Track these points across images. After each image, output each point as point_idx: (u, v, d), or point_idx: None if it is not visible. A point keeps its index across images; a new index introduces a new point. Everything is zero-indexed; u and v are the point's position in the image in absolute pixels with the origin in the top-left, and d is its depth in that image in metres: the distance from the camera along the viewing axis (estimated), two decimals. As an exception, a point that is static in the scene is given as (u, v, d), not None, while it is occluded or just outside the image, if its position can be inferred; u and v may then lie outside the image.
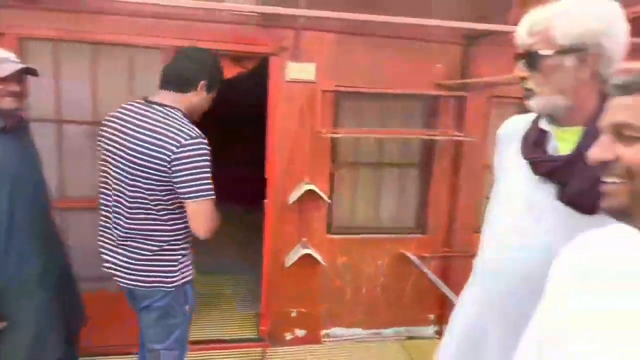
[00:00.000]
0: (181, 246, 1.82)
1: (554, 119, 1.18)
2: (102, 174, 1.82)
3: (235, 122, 5.87)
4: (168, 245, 1.78)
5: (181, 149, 1.63)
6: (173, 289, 1.80)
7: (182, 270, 1.82)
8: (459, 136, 2.94)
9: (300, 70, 2.83)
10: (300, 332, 3.19)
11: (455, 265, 3.16)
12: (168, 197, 1.70)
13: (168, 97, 1.75)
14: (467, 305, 1.42)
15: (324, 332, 3.23)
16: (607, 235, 0.83)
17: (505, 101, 3.07)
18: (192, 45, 2.16)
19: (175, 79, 1.76)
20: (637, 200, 0.71)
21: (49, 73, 2.57)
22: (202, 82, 1.78)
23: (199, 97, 1.81)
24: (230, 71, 2.86)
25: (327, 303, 3.20)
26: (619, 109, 0.73)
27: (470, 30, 2.78)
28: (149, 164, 1.63)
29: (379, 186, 3.23)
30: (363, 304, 3.23)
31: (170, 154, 1.61)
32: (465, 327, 1.40)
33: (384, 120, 3.11)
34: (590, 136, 1.08)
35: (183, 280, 1.82)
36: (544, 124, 1.19)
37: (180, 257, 1.81)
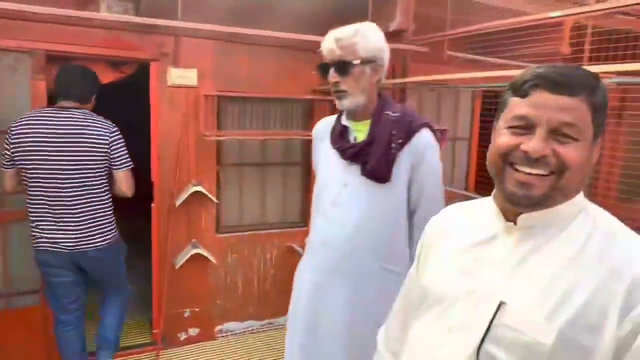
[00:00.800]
0: (111, 207, 2.43)
1: (351, 115, 1.56)
2: (24, 170, 2.24)
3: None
4: (106, 208, 2.39)
5: (114, 133, 2.33)
6: (115, 239, 2.44)
7: (114, 225, 2.46)
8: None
9: (181, 76, 2.87)
10: (193, 331, 3.21)
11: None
12: (105, 171, 2.33)
13: (73, 104, 2.31)
14: (306, 274, 1.66)
15: (218, 328, 3.28)
16: (468, 204, 1.01)
17: None
18: (74, 64, 2.56)
19: (76, 94, 2.33)
20: (556, 193, 0.78)
21: None
22: (94, 96, 2.44)
23: (90, 106, 2.43)
24: (108, 76, 2.83)
25: (220, 299, 3.25)
26: (561, 110, 0.75)
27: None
28: (93, 147, 2.25)
29: (265, 185, 3.35)
30: (255, 296, 3.35)
31: (108, 137, 2.29)
32: (309, 294, 1.62)
33: (266, 123, 3.26)
34: (375, 126, 1.52)
35: (117, 232, 2.48)
36: (344, 121, 1.58)
37: (112, 214, 2.44)
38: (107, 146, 2.29)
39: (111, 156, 2.31)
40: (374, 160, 1.46)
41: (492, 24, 2.49)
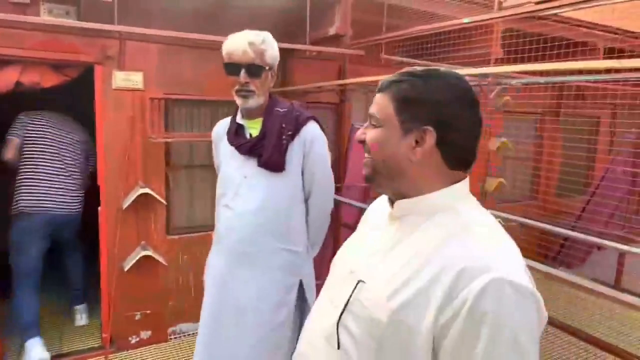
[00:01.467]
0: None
1: (246, 115, 1.69)
2: (31, 151, 2.97)
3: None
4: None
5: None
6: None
7: None
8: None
9: (126, 79, 2.89)
10: (145, 334, 3.20)
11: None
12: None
13: None
14: (214, 261, 1.77)
15: (170, 329, 3.28)
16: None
17: (319, 107, 3.50)
18: None
19: None
20: (375, 171, 0.90)
21: None
22: None
23: None
24: (51, 79, 2.82)
25: (172, 301, 3.25)
26: (373, 104, 0.91)
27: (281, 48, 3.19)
28: (81, 139, 3.21)
29: (213, 186, 3.37)
30: None
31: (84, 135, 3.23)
32: (216, 283, 1.73)
33: (214, 124, 3.30)
34: (266, 122, 1.65)
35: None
36: (239, 120, 1.71)
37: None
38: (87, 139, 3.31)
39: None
40: (267, 152, 1.60)
41: (419, 28, 2.65)
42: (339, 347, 0.88)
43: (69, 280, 3.39)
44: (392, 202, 0.93)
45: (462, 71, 1.84)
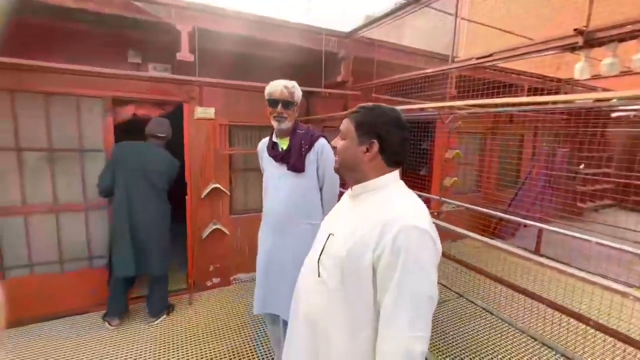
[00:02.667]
0: None
1: (278, 135, 1.70)
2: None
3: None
4: None
5: None
6: None
7: None
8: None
9: (204, 112, 2.93)
10: (216, 280, 3.25)
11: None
12: None
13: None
14: (262, 234, 1.79)
15: (232, 277, 3.32)
16: None
17: (331, 129, 3.50)
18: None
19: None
20: (341, 166, 0.99)
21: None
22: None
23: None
24: (155, 112, 2.90)
25: (233, 259, 3.29)
26: (342, 124, 1.00)
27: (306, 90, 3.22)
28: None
29: (261, 183, 3.40)
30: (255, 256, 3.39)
31: None
32: (265, 248, 1.76)
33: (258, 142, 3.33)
34: (291, 140, 1.66)
35: None
36: (274, 138, 1.72)
37: None
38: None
39: None
40: (292, 160, 1.64)
41: (398, 76, 2.63)
42: (319, 276, 0.95)
43: None
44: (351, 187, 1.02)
45: (426, 105, 1.84)
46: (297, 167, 1.62)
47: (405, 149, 0.96)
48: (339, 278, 0.88)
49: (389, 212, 0.86)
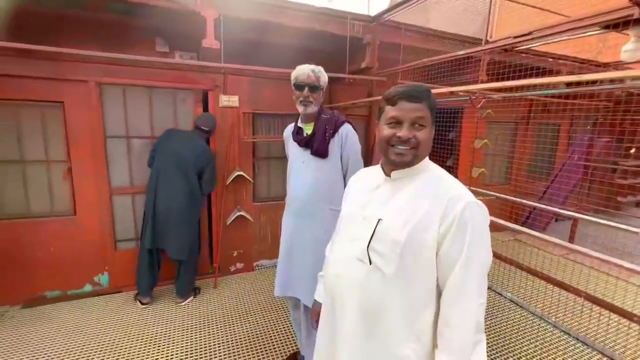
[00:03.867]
0: None
1: (304, 120, 1.68)
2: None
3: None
4: None
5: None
6: None
7: None
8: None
9: (228, 100, 2.94)
10: (239, 265, 3.31)
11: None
12: None
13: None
14: (286, 218, 1.78)
15: (255, 263, 3.38)
16: (366, 169, 1.14)
17: (354, 118, 3.47)
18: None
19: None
20: (415, 158, 0.91)
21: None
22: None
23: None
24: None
25: (256, 245, 3.33)
26: (413, 110, 0.87)
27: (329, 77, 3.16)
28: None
29: (284, 170, 3.36)
30: (279, 243, 3.30)
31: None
32: (288, 232, 1.76)
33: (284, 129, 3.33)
34: (316, 125, 1.64)
35: None
36: (299, 124, 1.70)
37: None
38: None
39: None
40: (316, 145, 1.61)
41: (427, 59, 2.53)
42: (370, 263, 0.91)
43: None
44: (384, 172, 0.98)
45: (457, 88, 1.75)
46: (320, 152, 1.61)
47: None
48: (397, 263, 0.86)
49: (448, 190, 0.87)
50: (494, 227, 1.97)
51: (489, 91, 1.98)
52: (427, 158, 0.95)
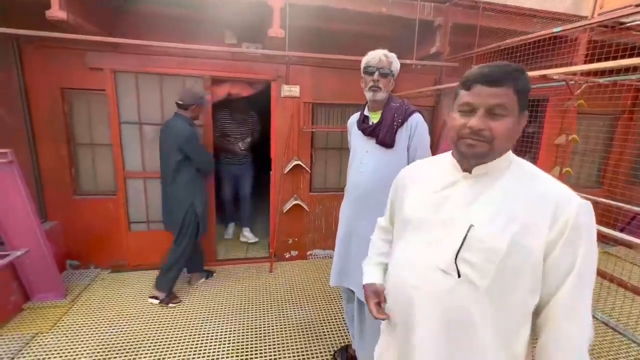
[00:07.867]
0: None
1: (370, 108, 1.58)
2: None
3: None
4: None
5: None
6: None
7: None
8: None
9: (290, 90, 2.98)
10: (294, 252, 3.37)
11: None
12: None
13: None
14: (345, 208, 1.71)
15: (309, 252, 3.41)
16: (423, 162, 1.00)
17: (419, 107, 3.26)
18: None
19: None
20: (491, 149, 0.76)
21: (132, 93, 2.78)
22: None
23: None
24: (248, 91, 3.05)
25: (310, 234, 3.36)
26: (489, 95, 0.73)
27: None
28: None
29: (341, 161, 3.36)
30: (332, 234, 3.38)
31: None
32: (346, 222, 1.69)
33: (344, 120, 3.24)
34: (384, 113, 1.54)
35: None
36: (366, 112, 1.61)
37: None
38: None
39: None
40: (382, 134, 1.51)
41: (510, 40, 2.22)
42: (459, 276, 0.77)
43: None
44: (461, 167, 0.84)
45: (551, 70, 1.49)
46: (386, 141, 1.51)
47: None
48: (493, 275, 0.74)
49: (551, 188, 0.74)
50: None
51: (592, 75, 1.65)
52: (509, 151, 0.80)
